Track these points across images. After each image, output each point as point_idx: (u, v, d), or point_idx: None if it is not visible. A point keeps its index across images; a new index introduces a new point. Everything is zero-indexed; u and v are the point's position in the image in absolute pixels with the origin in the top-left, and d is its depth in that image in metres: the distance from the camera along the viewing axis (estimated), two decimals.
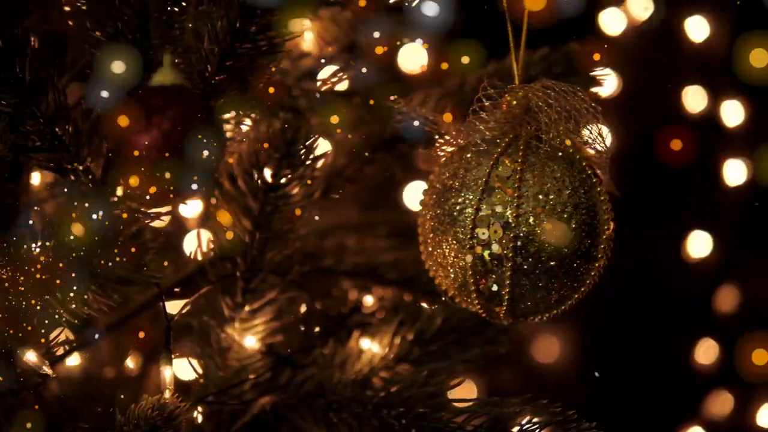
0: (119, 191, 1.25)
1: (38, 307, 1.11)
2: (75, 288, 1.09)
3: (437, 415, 1.23)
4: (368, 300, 1.49)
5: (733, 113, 2.92)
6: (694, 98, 2.91)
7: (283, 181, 1.29)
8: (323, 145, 1.44)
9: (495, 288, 1.19)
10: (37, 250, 1.13)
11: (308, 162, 1.29)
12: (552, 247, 1.16)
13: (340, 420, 1.27)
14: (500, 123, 1.20)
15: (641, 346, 2.94)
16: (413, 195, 1.61)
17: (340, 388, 1.30)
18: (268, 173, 1.29)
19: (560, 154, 1.20)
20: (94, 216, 1.20)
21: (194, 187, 1.01)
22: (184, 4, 1.12)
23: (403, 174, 1.52)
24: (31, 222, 1.34)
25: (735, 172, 2.93)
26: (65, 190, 1.39)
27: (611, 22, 2.92)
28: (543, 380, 3.03)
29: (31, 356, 1.21)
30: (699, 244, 2.93)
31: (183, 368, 1.38)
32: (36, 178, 1.48)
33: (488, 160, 1.19)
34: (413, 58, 2.76)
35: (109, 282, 1.09)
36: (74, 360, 1.66)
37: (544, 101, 1.18)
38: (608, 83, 2.93)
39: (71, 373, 1.66)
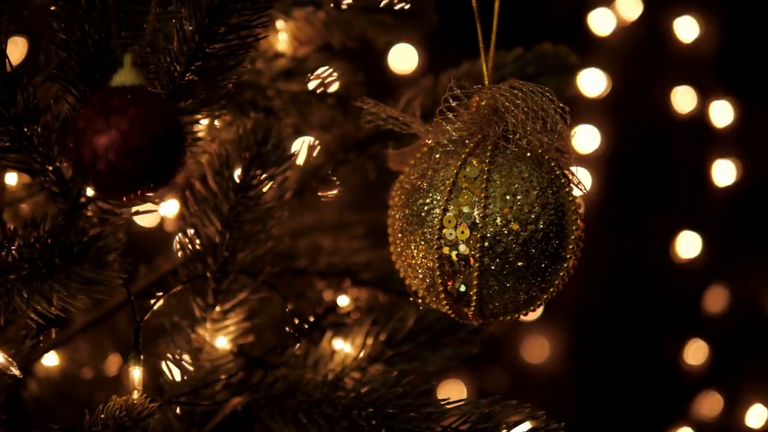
0: (89, 192, 1.26)
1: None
2: (40, 288, 1.09)
3: (406, 415, 1.23)
4: (343, 300, 1.49)
5: (721, 113, 2.93)
6: (683, 98, 2.91)
7: (253, 181, 1.29)
8: (296, 144, 1.45)
9: (463, 288, 1.19)
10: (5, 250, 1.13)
11: (279, 162, 1.29)
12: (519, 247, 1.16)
13: (310, 420, 1.27)
14: (468, 124, 1.20)
15: (630, 347, 2.94)
16: None
17: (310, 389, 1.29)
18: (238, 173, 1.29)
19: (528, 154, 1.20)
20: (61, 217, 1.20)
21: (158, 187, 1.00)
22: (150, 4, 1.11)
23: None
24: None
25: (724, 172, 2.93)
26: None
27: (600, 23, 2.92)
28: (532, 381, 3.03)
29: None
30: (688, 245, 2.93)
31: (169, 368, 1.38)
32: (13, 179, 1.48)
33: (456, 160, 1.19)
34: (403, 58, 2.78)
35: (74, 283, 1.08)
36: (52, 360, 1.67)
37: (511, 102, 1.18)
38: (597, 83, 2.95)
39: (49, 374, 1.67)
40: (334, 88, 1.46)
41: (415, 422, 1.23)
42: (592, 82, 2.92)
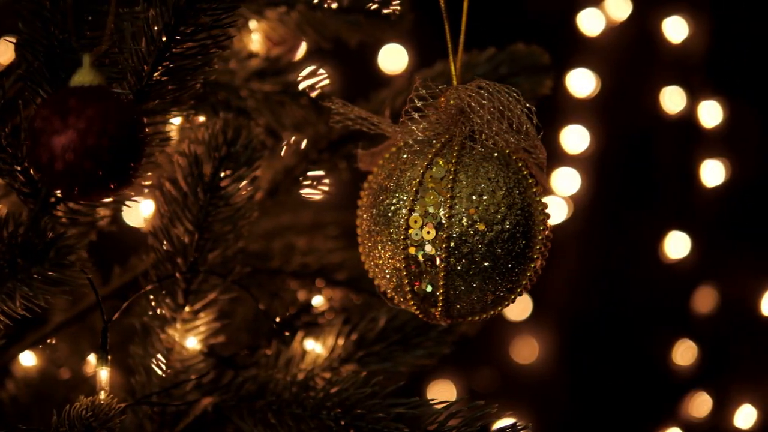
0: (59, 193, 1.26)
1: None
2: (3, 288, 1.09)
3: (375, 416, 1.23)
4: (317, 300, 1.48)
5: (710, 114, 2.92)
6: (672, 99, 2.91)
7: (223, 182, 1.29)
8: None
9: (429, 289, 1.19)
10: None
11: (248, 162, 1.28)
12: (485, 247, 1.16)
13: (279, 421, 1.27)
14: (434, 124, 1.20)
15: (619, 347, 2.94)
16: None
17: (280, 389, 1.29)
18: (208, 173, 1.29)
19: (495, 154, 1.19)
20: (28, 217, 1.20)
21: (118, 188, 1.00)
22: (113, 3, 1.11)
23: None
24: None
25: (712, 172, 2.93)
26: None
27: (589, 23, 2.92)
28: (522, 381, 3.03)
29: None
30: (677, 245, 2.93)
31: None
32: None
33: (422, 160, 1.19)
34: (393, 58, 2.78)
35: (36, 282, 1.09)
36: (30, 360, 1.67)
37: (477, 102, 1.18)
38: (586, 83, 2.94)
39: (27, 374, 1.67)
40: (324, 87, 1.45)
41: (384, 422, 1.23)
42: (582, 83, 2.92)
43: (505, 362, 3.04)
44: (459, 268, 1.17)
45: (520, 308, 2.97)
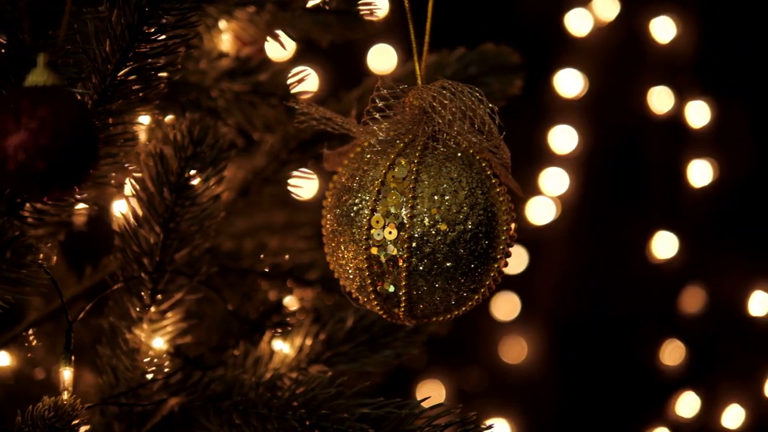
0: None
1: None
2: None
3: (339, 416, 1.22)
4: (288, 301, 1.48)
5: (698, 114, 2.92)
6: (660, 98, 2.91)
7: (189, 181, 1.29)
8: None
9: (392, 289, 1.18)
10: None
11: (215, 162, 1.28)
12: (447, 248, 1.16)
13: (245, 421, 1.27)
14: (396, 124, 1.19)
15: (607, 347, 2.93)
16: None
17: (246, 390, 1.29)
18: (175, 173, 1.28)
19: (459, 154, 1.19)
20: None
21: (71, 187, 1.00)
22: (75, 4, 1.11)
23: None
24: None
25: (700, 172, 2.93)
26: None
27: (577, 23, 2.92)
28: (511, 381, 3.03)
29: None
30: (664, 245, 2.93)
31: None
32: None
33: (385, 161, 1.18)
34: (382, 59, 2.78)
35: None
36: (4, 360, 1.67)
37: (439, 102, 1.18)
38: (574, 83, 2.94)
39: (1, 373, 1.66)
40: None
41: (348, 422, 1.22)
42: (570, 83, 2.92)
43: (494, 362, 3.04)
44: (421, 268, 1.17)
45: (508, 308, 2.98)
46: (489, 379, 3.05)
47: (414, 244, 1.16)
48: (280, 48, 1.46)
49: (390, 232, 1.16)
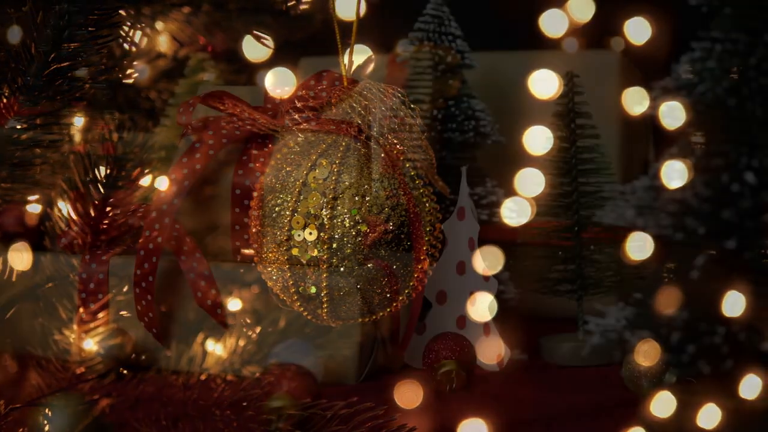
0: None
1: None
2: None
3: (265, 417, 1.22)
4: (229, 302, 1.47)
5: (673, 115, 2.90)
6: (634, 99, 2.89)
7: (119, 182, 1.28)
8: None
9: (313, 290, 1.18)
10: None
11: (145, 163, 1.28)
12: None
13: (172, 423, 1.26)
14: (320, 124, 1.19)
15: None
16: None
17: (176, 391, 1.28)
18: (103, 174, 1.28)
19: (381, 155, 1.19)
20: None
21: None
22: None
23: None
24: None
25: (675, 174, 2.91)
26: None
27: (552, 24, 2.90)
28: (488, 381, 3.01)
29: None
30: (639, 246, 2.91)
31: None
32: None
33: (307, 161, 1.18)
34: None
35: None
36: None
37: (361, 103, 1.17)
38: (549, 85, 2.93)
39: None
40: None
41: (274, 424, 1.22)
42: (544, 84, 2.90)
43: (471, 362, 3.02)
44: (342, 269, 1.16)
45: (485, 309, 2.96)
46: (467, 379, 3.03)
47: (334, 245, 1.16)
48: (256, 49, 1.46)
49: (310, 233, 1.16)
